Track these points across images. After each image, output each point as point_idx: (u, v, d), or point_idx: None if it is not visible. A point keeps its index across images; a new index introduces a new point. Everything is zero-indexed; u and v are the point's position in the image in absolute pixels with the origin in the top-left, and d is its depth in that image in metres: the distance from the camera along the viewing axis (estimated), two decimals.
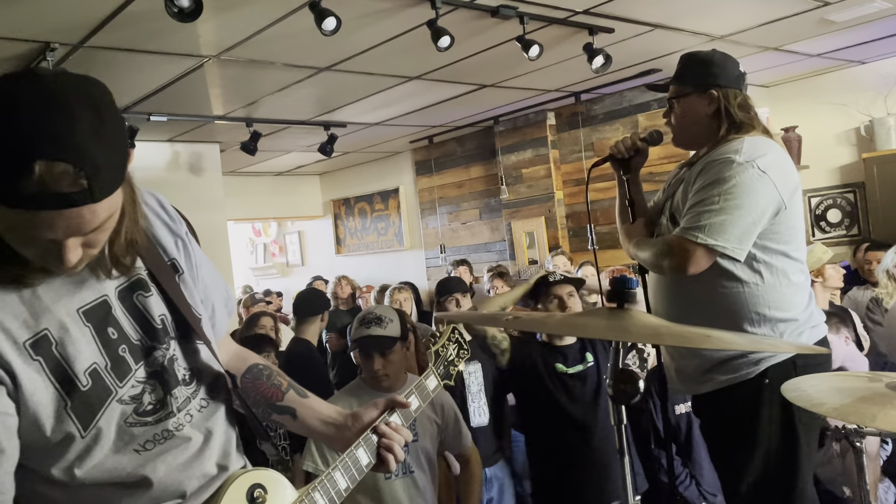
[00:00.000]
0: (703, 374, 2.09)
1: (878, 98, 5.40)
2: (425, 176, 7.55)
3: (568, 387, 2.92)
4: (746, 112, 2.11)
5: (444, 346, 1.74)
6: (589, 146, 6.04)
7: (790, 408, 1.92)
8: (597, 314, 1.57)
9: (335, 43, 3.64)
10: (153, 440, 1.13)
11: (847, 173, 5.65)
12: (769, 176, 1.94)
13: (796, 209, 2.04)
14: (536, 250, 6.29)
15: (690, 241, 1.94)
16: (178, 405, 1.17)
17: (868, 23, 4.37)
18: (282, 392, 1.41)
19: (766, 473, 2.00)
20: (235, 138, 5.77)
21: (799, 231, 2.06)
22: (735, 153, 1.98)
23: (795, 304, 2.02)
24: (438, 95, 5.30)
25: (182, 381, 1.19)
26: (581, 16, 3.80)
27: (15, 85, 0.94)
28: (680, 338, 1.44)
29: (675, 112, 2.21)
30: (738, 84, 2.14)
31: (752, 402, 2.00)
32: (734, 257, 1.94)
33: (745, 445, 2.02)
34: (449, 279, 3.91)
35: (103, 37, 3.37)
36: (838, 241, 5.53)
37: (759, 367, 1.99)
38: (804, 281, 2.07)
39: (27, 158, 0.89)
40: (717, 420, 2.14)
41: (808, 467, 2.00)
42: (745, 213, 1.92)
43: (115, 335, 1.12)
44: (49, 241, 0.97)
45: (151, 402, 1.14)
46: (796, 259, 2.05)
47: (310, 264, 9.37)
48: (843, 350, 3.10)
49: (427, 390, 1.62)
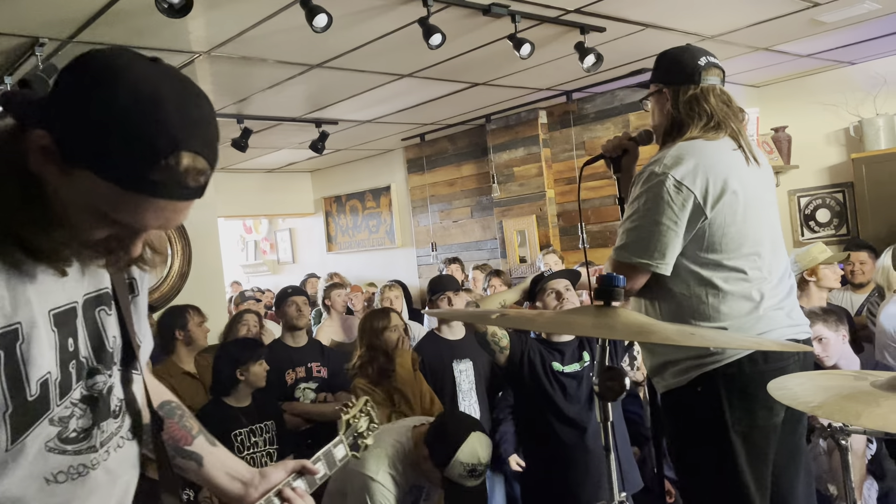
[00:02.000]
0: (655, 374, 2.12)
1: (867, 98, 5.44)
2: (417, 174, 7.55)
3: (564, 385, 2.95)
4: (690, 109, 2.04)
5: (356, 417, 1.69)
6: (580, 145, 6.05)
7: (722, 416, 1.94)
8: (584, 312, 1.58)
9: (326, 40, 3.64)
10: (66, 472, 1.02)
11: (836, 173, 5.69)
12: (685, 186, 1.93)
13: (727, 215, 1.97)
14: (527, 248, 6.31)
15: (619, 261, 2.00)
16: (102, 440, 1.08)
17: (858, 23, 4.40)
18: (192, 436, 1.32)
19: (705, 479, 2.02)
20: (226, 135, 5.74)
21: (736, 238, 1.99)
22: (654, 164, 2.00)
23: (725, 313, 1.97)
24: (430, 93, 5.30)
25: (112, 413, 1.10)
26: (572, 14, 3.81)
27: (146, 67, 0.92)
28: (664, 336, 1.45)
29: (650, 111, 2.22)
30: (693, 78, 2.05)
31: (688, 409, 2.02)
32: (660, 272, 1.96)
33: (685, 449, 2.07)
34: (441, 277, 3.91)
35: (93, 32, 3.35)
36: (827, 240, 5.56)
37: (690, 375, 1.99)
38: (745, 289, 1.99)
39: (176, 147, 0.89)
40: (667, 422, 2.16)
41: (751, 476, 1.96)
42: (664, 228, 1.94)
43: (71, 348, 1.04)
44: (131, 228, 0.97)
45: (76, 430, 1.03)
46: (733, 267, 1.99)
47: (301, 262, 9.36)
48: (839, 348, 3.10)
49: (334, 459, 1.56)
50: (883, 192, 5.21)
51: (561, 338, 3.03)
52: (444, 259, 6.49)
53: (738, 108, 2.11)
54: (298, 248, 9.50)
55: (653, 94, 2.17)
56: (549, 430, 2.93)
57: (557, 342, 3.02)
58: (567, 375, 2.95)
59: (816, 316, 3.05)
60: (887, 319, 3.56)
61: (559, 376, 2.94)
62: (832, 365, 3.05)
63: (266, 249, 10.04)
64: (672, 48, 2.18)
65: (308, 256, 9.26)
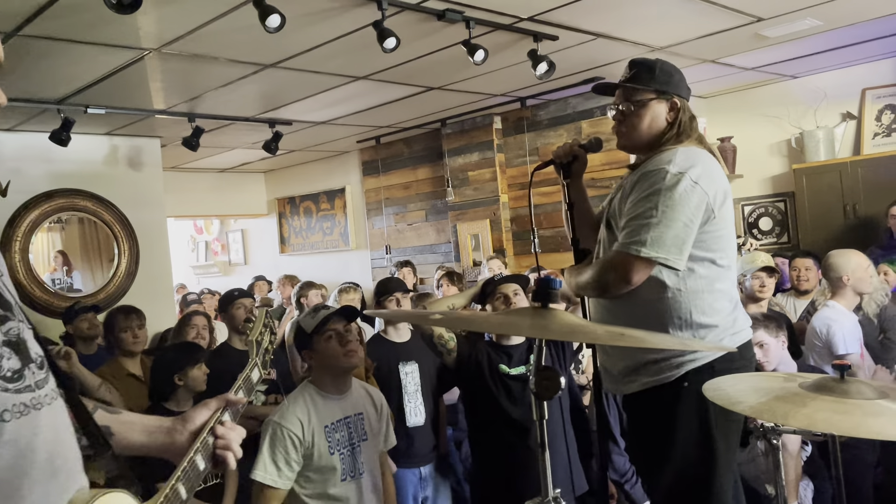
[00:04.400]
0: (628, 375, 2.15)
1: (808, 111, 5.65)
2: (372, 176, 7.54)
3: (509, 388, 2.98)
4: (691, 121, 2.19)
5: (262, 334, 1.64)
6: (534, 150, 6.13)
7: (707, 412, 2.00)
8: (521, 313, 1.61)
9: (280, 40, 3.62)
10: (11, 411, 1.01)
11: (778, 183, 5.89)
12: (700, 186, 2.02)
13: (725, 219, 2.11)
14: (481, 252, 6.35)
15: (632, 255, 2.00)
16: (37, 381, 1.07)
17: (799, 39, 4.56)
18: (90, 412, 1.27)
19: (683, 476, 2.06)
20: (177, 133, 5.65)
21: (727, 240, 2.12)
22: (668, 164, 2.05)
23: (717, 310, 2.08)
24: (385, 96, 5.30)
25: (35, 361, 1.09)
26: (526, 22, 3.86)
27: None
28: (594, 336, 1.49)
29: (632, 115, 2.19)
30: (687, 93, 2.23)
31: (670, 406, 2.07)
32: (675, 267, 2.01)
33: (663, 447, 2.09)
34: (389, 279, 3.91)
35: (39, 26, 3.27)
36: (769, 248, 5.75)
37: (679, 371, 2.05)
38: (729, 288, 2.13)
39: None
40: (639, 421, 2.21)
41: (725, 471, 2.06)
42: (681, 224, 1.99)
43: None
44: None
45: (10, 370, 1.04)
46: (723, 266, 2.11)
47: (253, 263, 9.24)
48: (779, 353, 3.21)
49: (252, 383, 1.55)
50: (822, 201, 5.42)
51: (510, 341, 3.07)
52: (396, 262, 6.50)
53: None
54: (250, 250, 9.38)
55: (652, 100, 2.18)
56: (495, 430, 2.96)
57: (507, 345, 3.06)
58: (512, 378, 2.99)
59: (758, 322, 3.15)
60: (817, 321, 3.72)
61: (504, 378, 2.98)
62: (772, 370, 3.16)
63: (217, 250, 9.89)
64: (660, 60, 2.23)
65: (260, 258, 9.15)
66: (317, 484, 2.37)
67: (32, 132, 5.24)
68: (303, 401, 2.43)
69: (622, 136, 2.25)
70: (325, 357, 2.44)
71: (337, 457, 2.38)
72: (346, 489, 2.38)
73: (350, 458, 2.41)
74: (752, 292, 3.97)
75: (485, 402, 2.98)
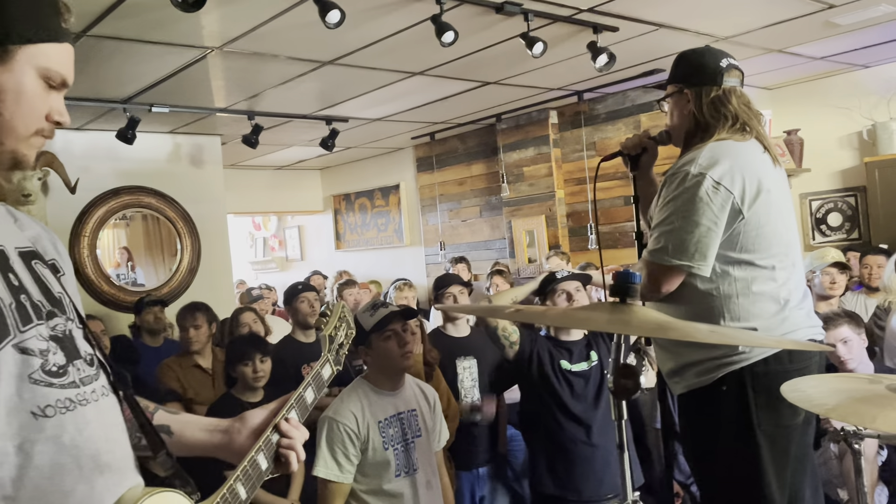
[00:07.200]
0: (673, 377, 2.11)
1: (881, 102, 5.40)
2: (426, 172, 7.54)
3: (571, 383, 2.97)
4: (715, 110, 2.05)
5: (336, 328, 1.56)
6: (591, 145, 6.03)
7: (749, 414, 1.93)
8: (599, 308, 1.57)
9: (339, 36, 3.63)
10: (55, 406, 1.00)
11: (849, 177, 5.65)
12: (724, 186, 1.93)
13: (762, 215, 1.98)
14: (536, 249, 6.29)
15: (657, 263, 1.97)
16: (82, 377, 1.05)
17: (873, 26, 4.37)
18: (150, 412, 1.27)
19: (729, 478, 2.00)
20: (237, 131, 5.75)
21: (769, 238, 2.00)
22: (690, 164, 1.98)
23: (755, 314, 1.98)
24: (441, 91, 5.29)
25: (84, 358, 1.08)
26: (586, 14, 3.79)
27: None
28: (683, 332, 1.44)
29: (668, 112, 2.20)
30: (715, 79, 2.07)
31: (711, 408, 2.01)
32: (700, 273, 1.95)
33: (706, 449, 2.05)
34: (447, 274, 3.91)
35: (107, 26, 3.36)
36: (838, 244, 5.53)
37: (716, 374, 1.98)
38: (773, 289, 2.00)
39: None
40: (686, 422, 2.15)
41: (774, 475, 1.97)
42: (704, 228, 1.93)
43: (16, 283, 1.03)
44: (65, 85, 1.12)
45: (56, 364, 1.02)
46: (763, 266, 1.99)
47: (309, 259, 9.37)
48: (861, 351, 3.04)
49: (322, 380, 1.46)
50: (895, 196, 5.18)
51: (570, 336, 3.04)
52: (451, 258, 6.48)
53: (757, 111, 2.12)
54: (307, 246, 9.51)
55: (672, 95, 2.15)
56: (555, 426, 2.95)
57: (566, 341, 3.03)
58: (575, 374, 2.96)
59: (841, 318, 3.00)
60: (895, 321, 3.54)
61: (567, 374, 2.96)
62: (852, 368, 3.00)
63: (275, 246, 10.05)
64: (692, 49, 2.17)
65: (316, 254, 9.26)
66: (371, 479, 2.38)
67: (100, 131, 5.40)
68: (356, 396, 2.43)
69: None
70: (383, 356, 2.43)
71: (391, 452, 2.38)
72: (401, 485, 2.38)
73: (404, 454, 2.41)
74: (821, 290, 3.81)
75: (546, 396, 2.97)
